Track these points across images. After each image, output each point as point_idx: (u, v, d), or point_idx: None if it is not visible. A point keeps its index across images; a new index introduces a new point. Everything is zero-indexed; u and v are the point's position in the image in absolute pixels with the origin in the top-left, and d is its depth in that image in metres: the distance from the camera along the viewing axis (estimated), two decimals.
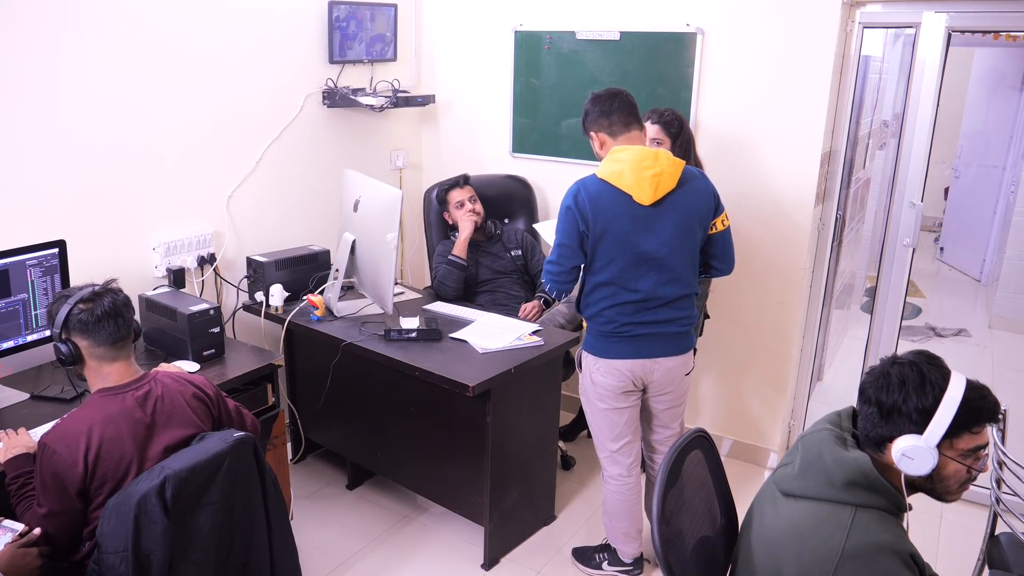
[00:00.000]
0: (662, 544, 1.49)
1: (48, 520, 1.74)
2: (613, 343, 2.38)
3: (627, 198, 2.25)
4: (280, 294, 2.98)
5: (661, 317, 2.35)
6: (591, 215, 2.26)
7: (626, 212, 2.26)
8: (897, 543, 1.36)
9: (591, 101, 2.39)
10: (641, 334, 2.36)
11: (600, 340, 2.40)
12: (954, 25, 2.81)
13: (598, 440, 2.54)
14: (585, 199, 2.27)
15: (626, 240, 2.27)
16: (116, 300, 1.84)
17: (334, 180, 3.40)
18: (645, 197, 2.25)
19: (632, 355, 2.38)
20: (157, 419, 1.83)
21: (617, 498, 2.56)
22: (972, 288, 6.18)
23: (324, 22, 3.31)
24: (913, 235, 3.04)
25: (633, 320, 2.34)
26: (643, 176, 2.24)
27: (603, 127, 2.36)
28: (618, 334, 2.36)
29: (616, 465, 2.53)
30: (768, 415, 3.40)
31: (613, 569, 2.69)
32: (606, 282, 2.32)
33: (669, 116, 2.88)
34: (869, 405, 1.46)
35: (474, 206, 3.30)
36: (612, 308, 2.34)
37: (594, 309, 2.38)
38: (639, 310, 2.34)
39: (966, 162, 6.43)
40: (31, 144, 2.47)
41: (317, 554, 2.79)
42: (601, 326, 2.38)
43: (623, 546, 2.65)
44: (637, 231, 2.27)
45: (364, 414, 3.00)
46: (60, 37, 2.48)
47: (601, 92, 2.40)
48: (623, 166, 2.25)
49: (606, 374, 2.41)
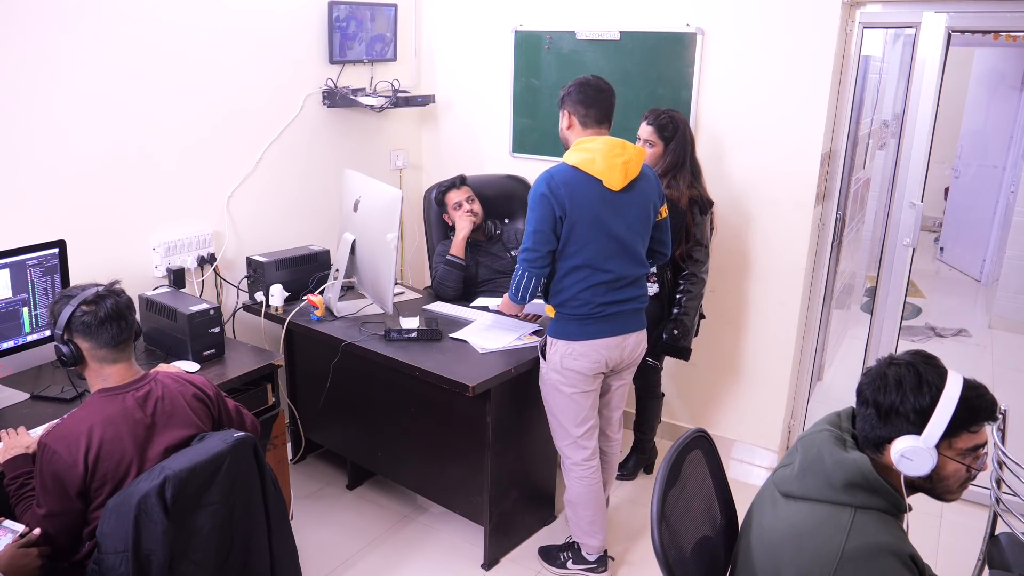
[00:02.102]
0: (662, 544, 1.49)
1: (48, 520, 1.74)
2: (589, 324, 2.43)
3: (597, 183, 2.34)
4: (280, 294, 2.98)
5: (626, 296, 2.45)
6: (567, 200, 2.32)
7: (598, 196, 2.35)
8: (897, 544, 1.36)
9: (579, 84, 2.44)
10: (612, 313, 2.44)
11: (574, 324, 2.44)
12: (954, 25, 2.81)
13: (561, 428, 2.56)
14: (559, 184, 2.33)
15: (599, 223, 2.35)
16: (119, 303, 1.84)
17: (334, 180, 3.40)
18: (616, 182, 2.34)
19: (606, 334, 2.45)
20: (157, 420, 1.83)
21: (583, 484, 2.58)
22: (972, 288, 6.17)
23: (324, 22, 3.31)
24: (913, 235, 3.04)
25: (604, 300, 2.42)
26: (614, 163, 2.34)
27: (579, 113, 2.43)
28: (592, 315, 2.42)
29: (581, 450, 2.56)
30: (768, 415, 3.40)
31: (577, 568, 2.71)
32: (580, 265, 2.38)
33: (664, 120, 2.89)
34: (867, 406, 1.46)
35: (472, 206, 3.30)
36: (587, 290, 2.40)
37: (567, 294, 2.42)
38: (609, 290, 2.42)
39: (966, 162, 6.43)
40: (31, 144, 2.47)
41: (317, 554, 2.79)
42: (575, 309, 2.43)
43: (588, 539, 2.66)
44: (608, 214, 2.36)
45: (364, 414, 3.00)
46: (60, 37, 2.48)
47: (591, 80, 2.45)
48: (594, 154, 2.35)
49: (579, 356, 2.45)
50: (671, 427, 3.59)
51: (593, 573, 2.70)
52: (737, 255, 3.28)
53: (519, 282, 2.46)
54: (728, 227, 3.25)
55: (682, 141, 2.90)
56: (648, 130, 2.91)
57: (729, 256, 3.28)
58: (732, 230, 3.25)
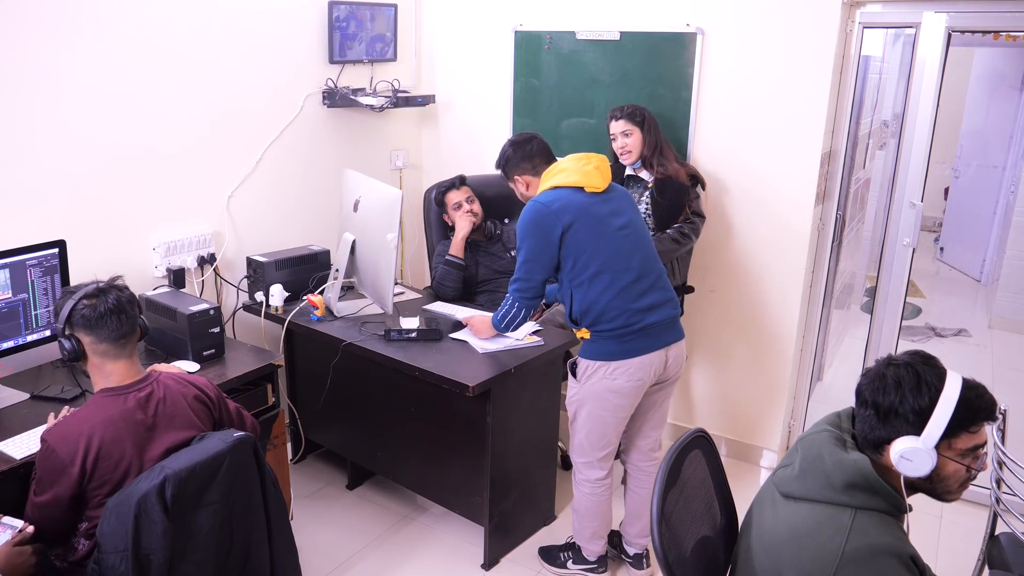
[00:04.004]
0: (662, 544, 1.49)
1: (39, 509, 1.75)
2: (628, 342, 2.36)
3: (580, 191, 2.37)
4: (280, 294, 2.98)
5: (656, 299, 2.39)
6: (562, 211, 2.33)
7: (588, 202, 2.37)
8: (897, 545, 1.36)
9: (510, 146, 2.56)
10: (650, 324, 2.37)
11: (612, 342, 2.37)
12: (954, 25, 2.81)
13: (586, 447, 2.51)
14: (550, 202, 2.35)
15: (601, 223, 2.36)
16: (120, 297, 1.84)
17: (334, 180, 3.40)
18: (598, 185, 2.39)
19: (646, 350, 2.39)
20: (158, 421, 1.83)
21: (592, 500, 2.57)
22: (972, 288, 6.17)
23: (324, 22, 3.31)
24: (913, 235, 3.04)
25: (638, 306, 2.35)
26: (587, 170, 2.39)
27: (527, 170, 2.53)
28: (630, 330, 2.35)
29: (599, 470, 2.53)
30: (768, 415, 3.40)
31: (578, 568, 2.71)
32: (599, 271, 2.34)
33: (629, 109, 3.05)
34: (866, 407, 1.46)
35: (471, 206, 3.30)
36: (617, 297, 2.33)
37: (598, 308, 2.35)
38: (639, 294, 2.36)
39: (966, 162, 6.43)
40: (31, 144, 2.47)
41: (317, 554, 2.79)
42: (610, 324, 2.35)
43: (590, 544, 2.66)
44: (606, 213, 2.38)
45: (364, 414, 3.01)
46: (60, 37, 2.48)
47: (515, 138, 2.60)
48: (566, 171, 2.41)
49: (620, 376, 2.38)
50: (671, 427, 3.58)
51: (594, 573, 2.70)
52: (737, 255, 3.28)
53: (508, 312, 2.47)
54: (728, 227, 3.25)
55: (653, 123, 3.03)
56: (620, 123, 3.04)
57: (729, 256, 3.28)
58: (732, 230, 3.25)
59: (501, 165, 2.59)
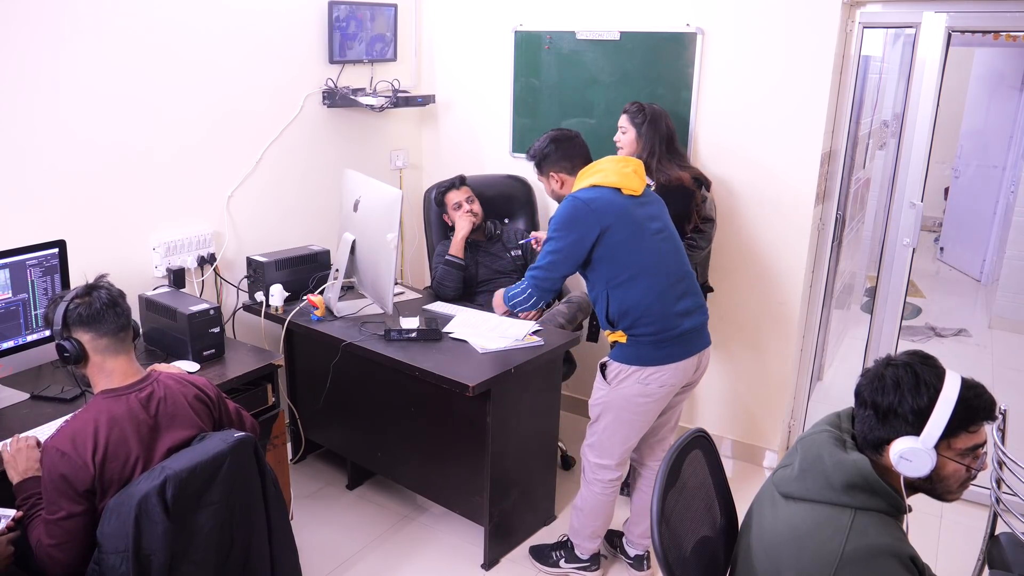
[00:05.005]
0: (662, 544, 1.49)
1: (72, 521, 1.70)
2: (664, 347, 2.36)
3: (618, 192, 2.36)
4: (280, 294, 2.98)
5: (690, 305, 2.41)
6: (602, 210, 2.32)
7: (626, 204, 2.37)
8: (896, 545, 1.36)
9: (551, 143, 2.50)
10: (686, 330, 2.38)
11: (647, 347, 2.36)
12: (954, 25, 2.81)
13: (608, 448, 2.49)
14: (590, 199, 2.33)
15: (639, 225, 2.35)
16: (111, 291, 1.86)
17: (334, 180, 3.40)
18: (636, 187, 2.39)
19: (680, 356, 2.39)
20: (160, 420, 1.83)
21: (601, 499, 2.57)
22: (972, 288, 6.17)
23: (324, 22, 3.31)
24: (913, 235, 3.04)
25: (676, 309, 2.36)
26: (625, 172, 2.40)
27: (565, 168, 2.49)
28: (668, 335, 2.35)
29: (615, 471, 2.54)
30: (768, 415, 3.40)
31: (571, 566, 2.71)
32: (637, 273, 2.33)
33: (635, 107, 3.03)
34: (865, 408, 1.46)
35: (471, 206, 3.30)
36: (656, 302, 2.33)
37: (636, 311, 2.33)
38: (677, 297, 2.37)
39: (966, 162, 6.43)
40: (31, 144, 2.47)
41: (317, 554, 2.79)
42: (647, 327, 2.34)
43: (587, 543, 2.66)
44: (643, 216, 2.38)
45: (364, 414, 3.01)
46: (60, 37, 2.48)
47: (558, 135, 2.52)
48: (605, 171, 2.39)
49: (653, 381, 2.38)
50: None
51: (587, 571, 2.70)
52: (737, 255, 3.27)
53: (520, 295, 2.44)
54: (728, 227, 3.25)
55: (653, 127, 2.97)
56: (622, 118, 3.04)
57: (729, 256, 3.28)
58: (732, 230, 3.25)
59: (537, 159, 2.52)
